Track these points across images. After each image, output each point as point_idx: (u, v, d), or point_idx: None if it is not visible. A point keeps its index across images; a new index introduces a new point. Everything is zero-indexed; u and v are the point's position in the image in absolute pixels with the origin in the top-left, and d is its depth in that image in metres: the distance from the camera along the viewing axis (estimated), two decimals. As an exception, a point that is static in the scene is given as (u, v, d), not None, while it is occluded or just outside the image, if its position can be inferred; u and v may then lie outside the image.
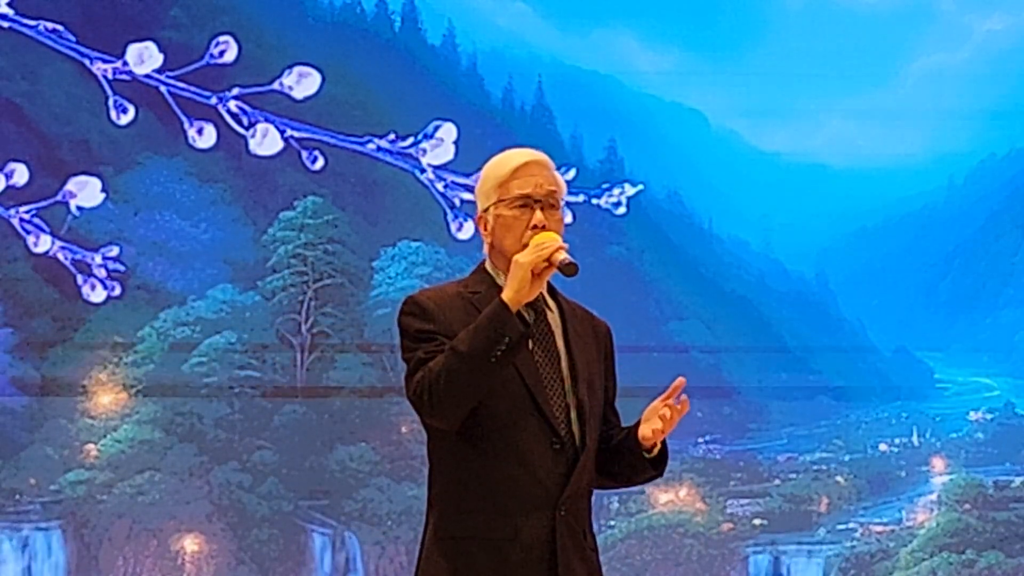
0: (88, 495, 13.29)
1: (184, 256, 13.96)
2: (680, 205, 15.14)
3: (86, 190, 7.09)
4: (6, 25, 6.94)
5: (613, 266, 14.52)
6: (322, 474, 13.59)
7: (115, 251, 7.42)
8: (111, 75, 6.62)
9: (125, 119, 6.71)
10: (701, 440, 14.22)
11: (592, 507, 3.93)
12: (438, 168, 6.76)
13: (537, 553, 3.75)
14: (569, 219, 3.96)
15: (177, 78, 6.73)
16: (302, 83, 6.63)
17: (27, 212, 7.14)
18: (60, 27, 6.79)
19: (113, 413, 13.50)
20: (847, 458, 14.26)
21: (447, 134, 6.71)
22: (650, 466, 3.92)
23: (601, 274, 13.74)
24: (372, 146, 6.84)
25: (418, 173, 6.78)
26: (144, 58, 6.60)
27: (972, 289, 15.23)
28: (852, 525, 13.96)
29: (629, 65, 14.84)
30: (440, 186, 6.77)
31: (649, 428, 3.85)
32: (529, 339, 3.70)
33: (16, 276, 13.45)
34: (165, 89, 6.71)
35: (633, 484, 4.06)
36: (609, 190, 7.11)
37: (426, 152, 6.70)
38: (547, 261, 3.69)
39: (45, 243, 7.25)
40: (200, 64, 6.56)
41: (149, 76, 6.66)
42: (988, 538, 13.58)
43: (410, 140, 6.76)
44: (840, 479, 14.16)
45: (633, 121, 14.97)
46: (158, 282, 13.80)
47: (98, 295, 7.38)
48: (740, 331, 14.84)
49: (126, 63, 6.62)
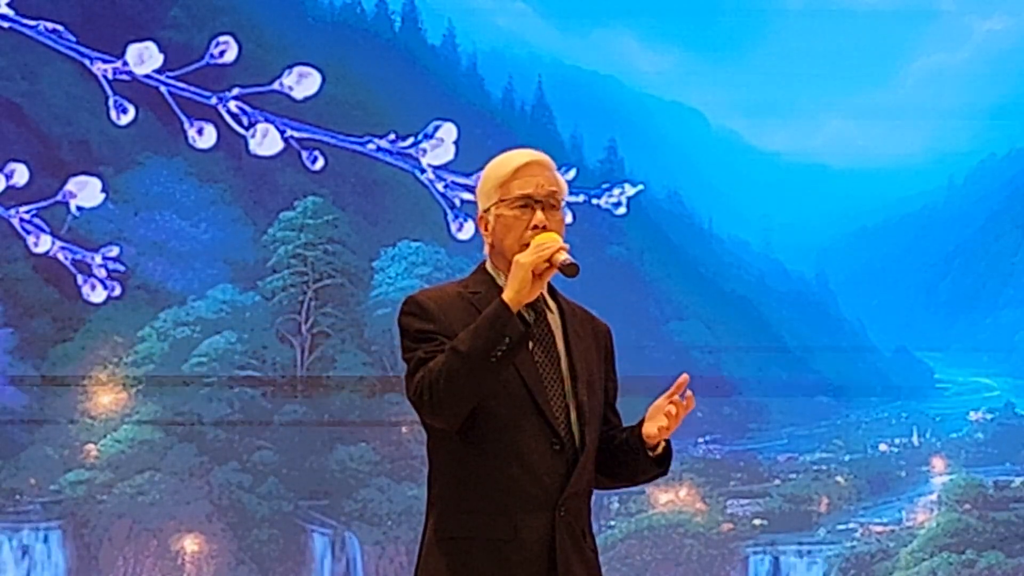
0: (88, 495, 13.28)
1: (184, 256, 13.95)
2: (680, 205, 15.13)
3: (86, 190, 7.08)
4: (6, 25, 6.94)
5: (613, 266, 14.51)
6: (322, 474, 13.58)
7: (115, 251, 7.42)
8: (111, 75, 6.62)
9: (125, 119, 6.71)
10: (701, 440, 14.21)
11: (592, 507, 3.93)
12: (438, 168, 6.75)
13: (536, 553, 3.75)
14: (569, 219, 3.95)
15: (177, 78, 6.73)
16: (302, 83, 6.62)
17: (27, 212, 7.13)
18: (60, 27, 6.79)
19: (113, 413, 13.49)
20: (847, 458, 14.26)
21: (447, 134, 6.71)
22: (654, 464, 3.91)
23: (601, 274, 13.74)
24: (372, 146, 6.83)
25: (418, 173, 6.78)
26: (144, 58, 6.60)
27: (972, 289, 15.22)
28: (852, 525, 13.95)
29: (629, 65, 14.84)
30: (440, 186, 6.76)
31: (654, 426, 3.84)
32: (530, 339, 3.71)
33: (16, 276, 13.45)
34: (165, 89, 6.71)
35: (636, 483, 4.06)
36: (609, 190, 7.10)
37: (426, 152, 6.70)
38: (548, 262, 3.69)
39: (45, 243, 7.25)
40: (200, 64, 6.56)
41: (149, 76, 6.66)
42: (988, 538, 13.58)
43: (410, 140, 6.76)
44: (840, 479, 14.15)
45: (633, 121, 14.96)
46: (158, 282, 13.80)
47: (98, 295, 7.38)
48: (740, 331, 14.84)
49: (126, 63, 6.61)
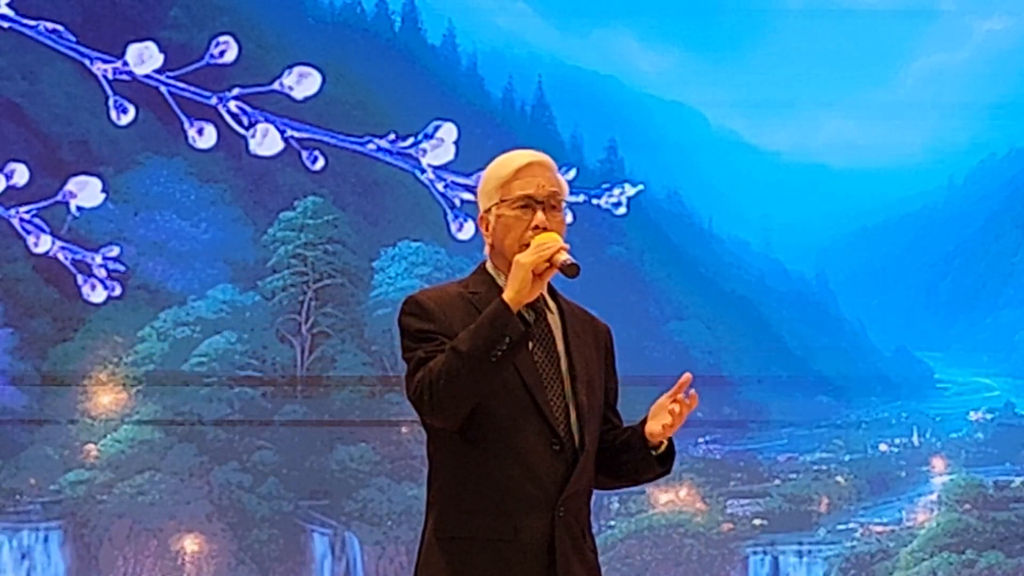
0: (88, 495, 13.29)
1: (184, 256, 13.96)
2: (680, 205, 15.14)
3: (86, 190, 7.07)
4: (6, 25, 6.94)
5: (613, 266, 14.52)
6: (322, 474, 13.58)
7: (115, 251, 7.40)
8: (111, 75, 6.62)
9: (125, 119, 6.70)
10: (701, 440, 14.22)
11: (592, 507, 3.93)
12: (438, 168, 6.74)
13: (536, 553, 3.75)
14: (569, 219, 3.94)
15: (177, 78, 6.72)
16: (302, 83, 6.61)
17: (27, 212, 7.13)
18: (60, 27, 6.78)
19: (113, 413, 13.50)
20: (847, 458, 14.26)
21: (447, 134, 6.70)
22: (657, 463, 3.91)
23: (601, 274, 13.74)
24: (372, 146, 6.83)
25: (418, 173, 6.77)
26: (144, 58, 6.59)
27: (972, 289, 15.23)
28: (852, 525, 13.95)
29: (629, 65, 14.85)
30: (440, 186, 6.76)
31: (658, 424, 3.84)
32: (530, 339, 3.70)
33: (16, 276, 13.46)
34: (165, 89, 6.70)
35: (638, 483, 4.05)
36: (609, 190, 7.09)
37: (426, 152, 6.69)
38: (548, 262, 3.69)
39: (45, 243, 7.24)
40: (200, 64, 6.55)
41: (149, 76, 6.65)
42: (988, 538, 13.58)
43: (410, 140, 6.75)
44: (840, 479, 14.16)
45: (633, 121, 14.97)
46: (158, 282, 13.80)
47: (98, 295, 7.37)
48: (740, 331, 14.85)
49: (126, 63, 6.61)
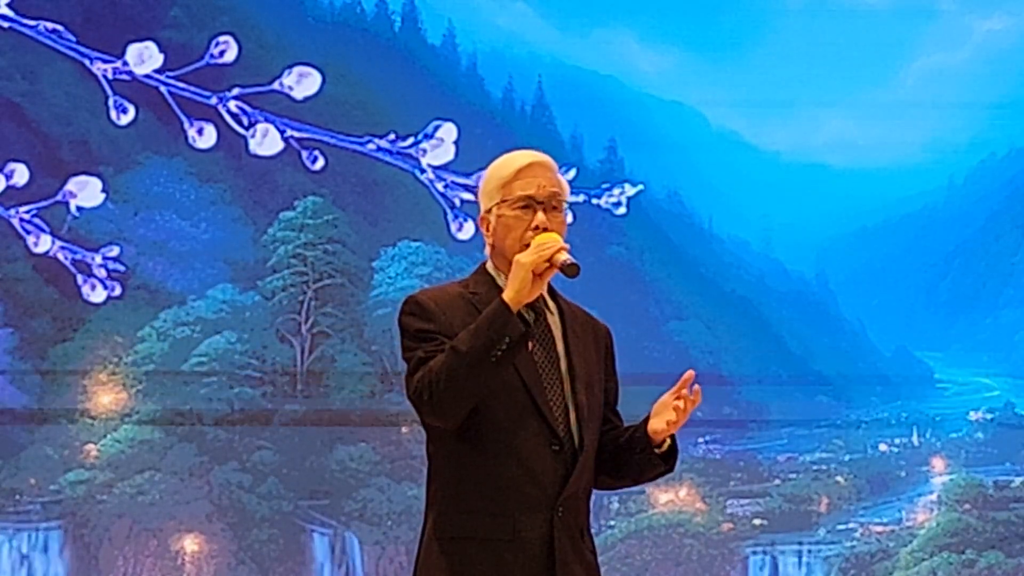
0: (88, 495, 13.28)
1: (184, 256, 13.95)
2: (680, 205, 15.14)
3: (86, 190, 7.08)
4: (6, 25, 6.94)
5: (613, 266, 14.51)
6: (322, 474, 13.58)
7: (115, 251, 7.41)
8: (111, 75, 6.62)
9: (125, 119, 6.70)
10: (701, 440, 14.21)
11: (591, 507, 3.93)
12: (438, 168, 6.75)
13: (535, 553, 3.75)
14: (569, 219, 3.94)
15: (177, 78, 6.72)
16: (302, 83, 6.62)
17: (27, 212, 7.13)
18: (60, 27, 6.78)
19: (113, 413, 13.49)
20: (847, 458, 14.25)
21: (447, 134, 6.70)
22: (660, 461, 3.91)
23: (601, 274, 13.74)
24: (372, 146, 6.83)
25: (418, 173, 6.78)
26: (144, 58, 6.60)
27: (972, 289, 15.23)
28: (852, 525, 13.95)
29: (629, 65, 14.84)
30: (440, 186, 6.76)
31: (661, 421, 3.84)
32: (530, 339, 3.70)
33: (16, 276, 13.45)
34: (165, 89, 6.70)
35: (641, 482, 4.05)
36: (609, 190, 7.09)
37: (426, 152, 6.70)
38: (548, 262, 3.69)
39: (45, 243, 7.25)
40: (200, 64, 6.56)
41: (149, 76, 6.65)
42: (988, 538, 13.57)
43: (410, 140, 6.75)
44: (840, 479, 14.15)
45: (633, 121, 14.96)
46: (158, 282, 13.80)
47: (98, 295, 7.37)
48: (740, 331, 14.84)
49: (126, 63, 6.61)
